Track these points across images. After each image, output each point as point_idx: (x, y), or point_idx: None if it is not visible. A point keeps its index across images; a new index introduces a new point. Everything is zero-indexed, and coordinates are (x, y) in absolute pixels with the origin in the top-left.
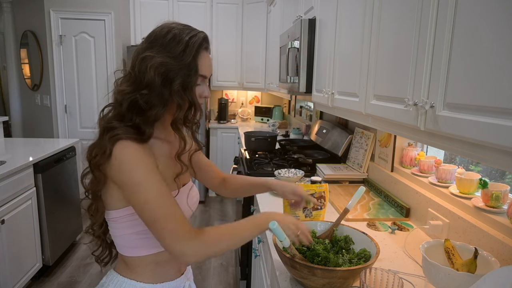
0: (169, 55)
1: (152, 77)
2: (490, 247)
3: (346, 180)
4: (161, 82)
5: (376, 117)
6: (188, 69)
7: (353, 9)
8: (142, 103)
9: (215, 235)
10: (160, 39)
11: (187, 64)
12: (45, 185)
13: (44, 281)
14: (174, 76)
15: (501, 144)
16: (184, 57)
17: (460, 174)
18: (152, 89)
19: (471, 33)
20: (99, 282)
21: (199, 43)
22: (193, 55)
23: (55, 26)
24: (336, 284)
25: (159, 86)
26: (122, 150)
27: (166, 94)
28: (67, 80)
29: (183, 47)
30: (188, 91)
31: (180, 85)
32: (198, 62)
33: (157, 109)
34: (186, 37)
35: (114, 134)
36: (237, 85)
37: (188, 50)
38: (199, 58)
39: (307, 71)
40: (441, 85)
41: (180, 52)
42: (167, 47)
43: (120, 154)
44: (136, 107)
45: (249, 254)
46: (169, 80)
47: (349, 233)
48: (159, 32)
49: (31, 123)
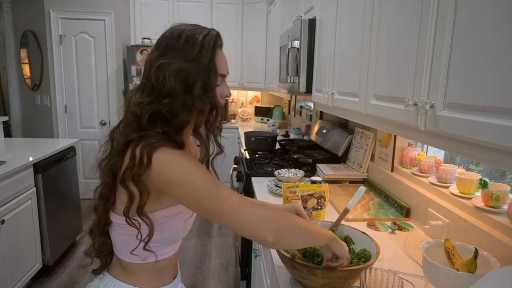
0: (186, 59)
1: (173, 85)
2: (490, 247)
3: (346, 180)
4: (182, 87)
5: (376, 117)
6: (207, 70)
7: (353, 9)
8: (166, 112)
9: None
10: (173, 44)
11: (206, 65)
12: (45, 185)
13: (44, 281)
14: (194, 80)
15: (501, 144)
16: (201, 58)
17: (460, 174)
18: (174, 97)
19: (471, 33)
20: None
21: (214, 42)
22: (210, 55)
23: (55, 26)
24: (336, 284)
25: (181, 93)
26: (161, 156)
27: (189, 100)
28: (67, 80)
29: (198, 48)
30: (210, 93)
31: (201, 89)
32: (216, 62)
33: (183, 116)
34: (200, 37)
35: (151, 142)
36: (237, 85)
37: (205, 51)
38: (216, 57)
39: (307, 71)
40: (441, 85)
41: (196, 54)
42: (182, 51)
43: (159, 158)
44: (158, 118)
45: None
46: (190, 85)
47: (349, 233)
48: (170, 37)
49: (31, 123)
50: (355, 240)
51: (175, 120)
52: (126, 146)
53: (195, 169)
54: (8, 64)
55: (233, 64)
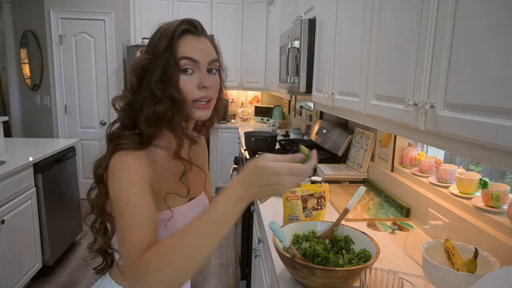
0: (147, 51)
1: (131, 80)
2: (490, 247)
3: (346, 180)
4: (140, 79)
5: (376, 117)
6: (163, 55)
7: (353, 9)
8: (127, 107)
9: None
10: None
11: (162, 51)
12: (45, 185)
13: (44, 281)
14: (153, 68)
15: (501, 144)
16: (159, 46)
17: (460, 174)
18: (134, 90)
19: (471, 33)
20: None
21: (174, 28)
22: (169, 40)
23: (55, 26)
24: (336, 284)
25: (137, 85)
26: (116, 161)
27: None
28: (67, 80)
29: (157, 37)
30: (169, 82)
31: (158, 77)
32: (177, 46)
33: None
34: (165, 26)
35: (115, 145)
36: (237, 85)
37: (162, 37)
38: (175, 40)
39: (307, 71)
40: (441, 85)
41: (155, 44)
42: (150, 45)
43: (113, 164)
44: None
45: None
46: (148, 75)
47: (349, 233)
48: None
49: (31, 123)
50: (355, 240)
51: (143, 112)
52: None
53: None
54: (8, 64)
55: (233, 64)
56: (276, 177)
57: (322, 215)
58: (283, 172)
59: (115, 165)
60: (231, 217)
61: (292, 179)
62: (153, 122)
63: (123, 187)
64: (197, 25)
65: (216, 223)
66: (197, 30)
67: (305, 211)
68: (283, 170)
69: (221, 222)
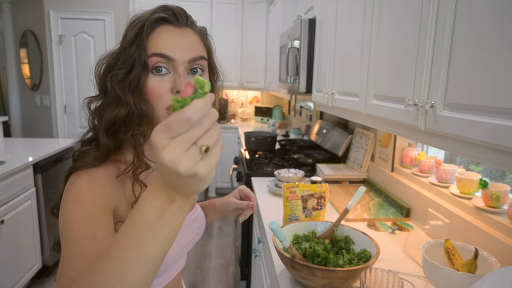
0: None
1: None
2: (490, 247)
3: (346, 180)
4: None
5: (376, 117)
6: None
7: (353, 9)
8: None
9: None
10: None
11: (130, 44)
12: (45, 185)
13: (44, 281)
14: (118, 65)
15: (501, 144)
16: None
17: (461, 174)
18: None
19: (472, 32)
20: None
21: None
22: (137, 32)
23: (54, 26)
24: (336, 285)
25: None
26: (68, 186)
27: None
28: (66, 80)
29: (126, 29)
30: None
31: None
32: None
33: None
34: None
35: (70, 167)
36: (237, 85)
37: (132, 27)
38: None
39: (307, 71)
40: (441, 85)
41: (125, 34)
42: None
43: (66, 188)
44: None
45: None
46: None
47: (349, 233)
48: None
49: (31, 123)
50: (355, 240)
51: (102, 120)
52: None
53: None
54: (7, 64)
55: (233, 64)
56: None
57: (322, 215)
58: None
59: (66, 190)
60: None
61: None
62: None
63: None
64: (179, 13)
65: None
66: (177, 20)
67: (305, 211)
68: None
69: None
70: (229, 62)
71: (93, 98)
